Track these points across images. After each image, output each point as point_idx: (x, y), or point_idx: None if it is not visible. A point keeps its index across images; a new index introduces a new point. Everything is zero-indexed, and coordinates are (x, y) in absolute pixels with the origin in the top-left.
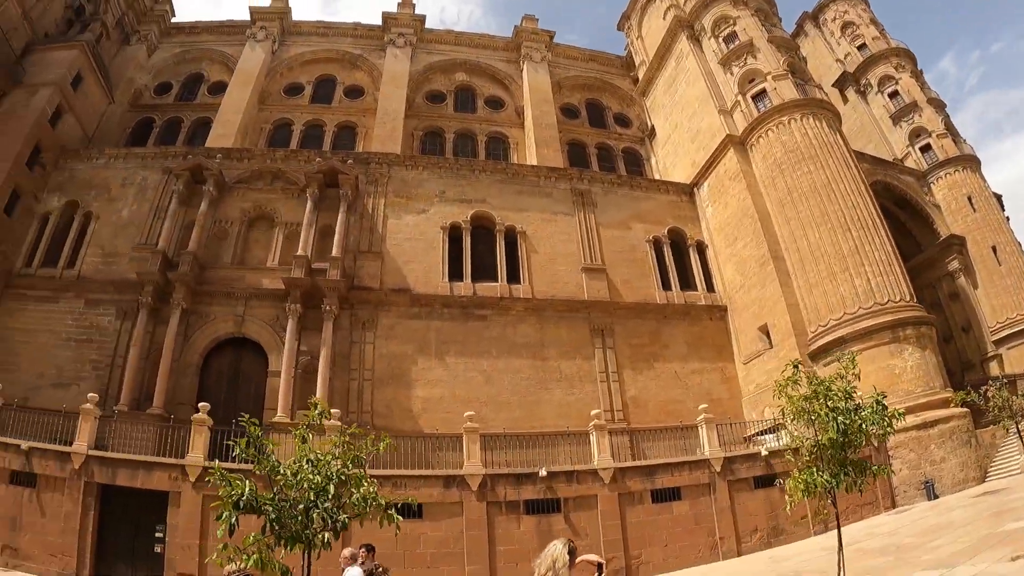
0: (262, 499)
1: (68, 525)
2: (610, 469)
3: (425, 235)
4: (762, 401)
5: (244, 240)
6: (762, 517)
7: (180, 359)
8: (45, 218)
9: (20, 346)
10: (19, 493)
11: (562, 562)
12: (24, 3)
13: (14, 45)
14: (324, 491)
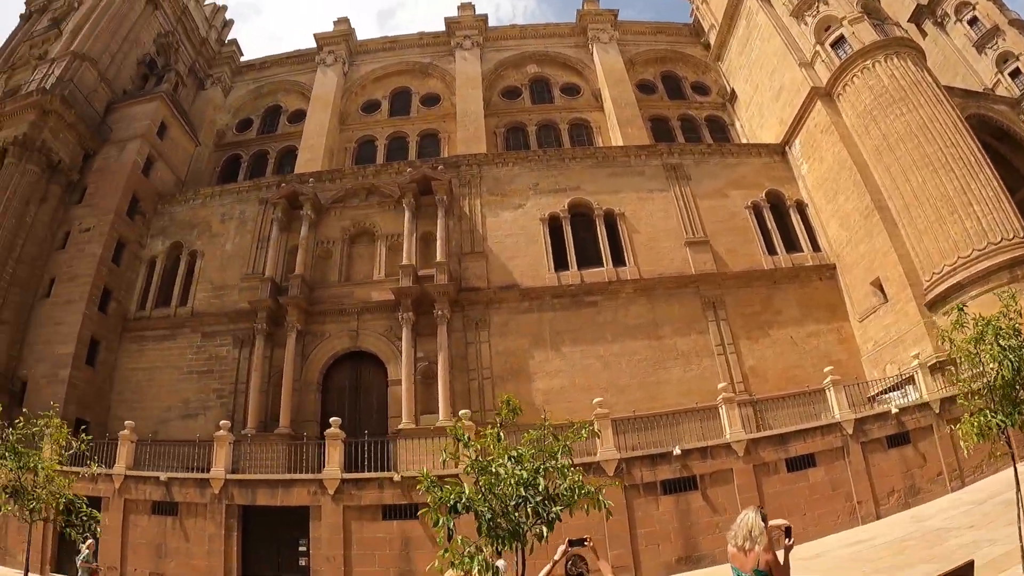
0: (476, 500)
1: (213, 547)
2: (743, 441)
3: (525, 229)
4: (882, 358)
5: (348, 257)
6: (897, 477)
7: (301, 378)
8: (152, 262)
9: (145, 384)
10: (162, 522)
11: (758, 529)
12: (98, 66)
13: (97, 106)
14: (532, 485)
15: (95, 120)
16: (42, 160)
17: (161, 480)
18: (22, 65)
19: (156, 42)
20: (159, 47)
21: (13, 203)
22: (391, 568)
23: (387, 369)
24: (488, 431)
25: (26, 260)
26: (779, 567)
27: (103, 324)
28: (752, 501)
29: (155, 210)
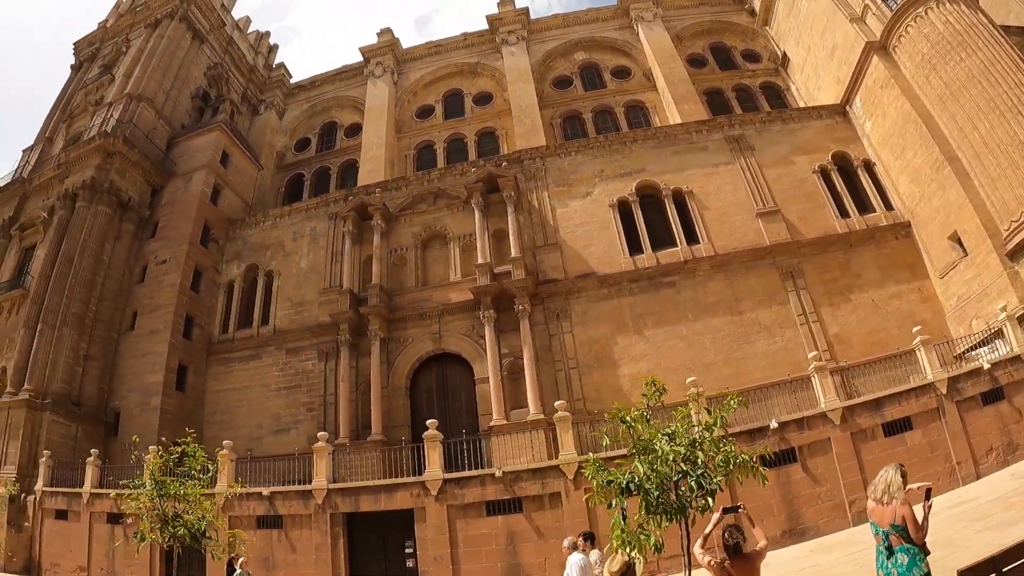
0: (642, 479)
1: (320, 556)
2: (838, 409)
3: (595, 216)
4: (967, 314)
5: (423, 262)
6: (995, 434)
7: (388, 385)
8: (230, 286)
9: (235, 404)
10: (267, 535)
11: (896, 485)
12: (154, 104)
13: (158, 143)
14: (691, 460)
15: (158, 156)
16: (112, 200)
17: (264, 495)
18: (80, 113)
19: (206, 75)
20: (210, 79)
21: (90, 244)
22: (498, 563)
23: (473, 368)
24: (632, 413)
25: (108, 297)
26: (914, 522)
27: (189, 350)
28: (851, 470)
29: (227, 236)
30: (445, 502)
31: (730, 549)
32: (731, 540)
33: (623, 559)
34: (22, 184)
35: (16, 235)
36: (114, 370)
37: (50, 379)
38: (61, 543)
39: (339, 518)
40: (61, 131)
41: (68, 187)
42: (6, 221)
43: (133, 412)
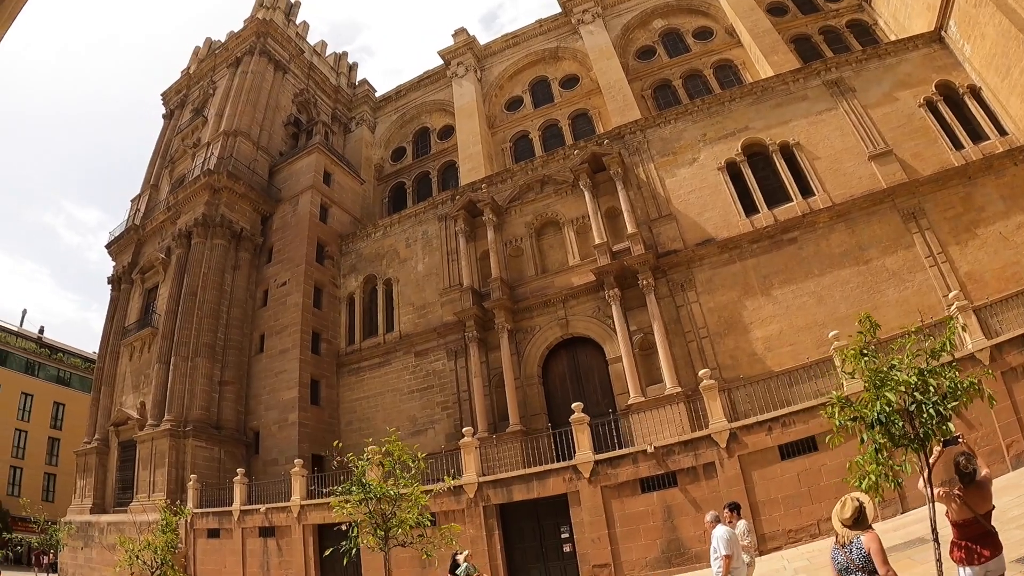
0: (888, 412)
1: (476, 549)
2: (986, 349)
3: (705, 182)
4: None
5: (539, 250)
6: None
7: (521, 375)
8: (350, 299)
9: (370, 411)
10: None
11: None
12: (250, 137)
13: (260, 173)
14: (922, 389)
15: (262, 185)
16: (226, 233)
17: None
18: (180, 157)
19: (294, 102)
20: (299, 105)
21: (210, 276)
22: (656, 539)
23: (603, 349)
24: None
25: (234, 324)
26: None
27: (319, 364)
28: (1007, 411)
29: (340, 251)
30: (598, 483)
31: (965, 477)
32: (968, 467)
33: (853, 505)
34: (136, 231)
35: (138, 279)
36: (248, 392)
37: (189, 407)
38: (216, 560)
39: (492, 510)
40: (164, 177)
41: (181, 226)
42: (126, 267)
43: (272, 429)
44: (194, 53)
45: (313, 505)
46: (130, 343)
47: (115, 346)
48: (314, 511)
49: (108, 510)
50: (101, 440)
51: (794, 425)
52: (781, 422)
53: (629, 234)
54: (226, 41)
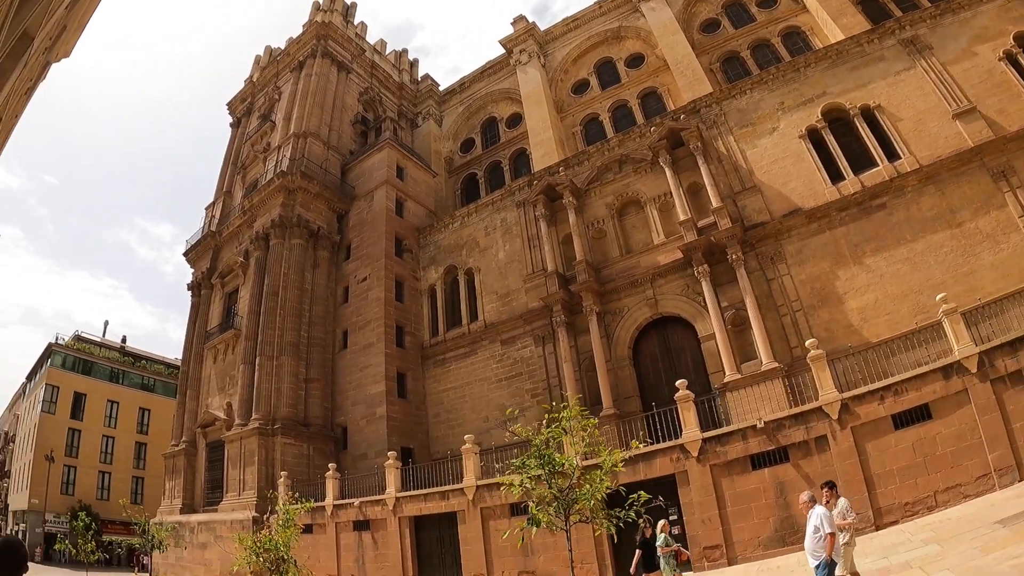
0: None
1: (581, 535)
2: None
3: (787, 151)
4: None
5: (622, 230)
6: None
7: (611, 358)
8: (431, 291)
9: (458, 402)
10: (520, 523)
11: None
12: (320, 137)
13: (333, 172)
14: None
15: (336, 184)
16: (303, 232)
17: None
18: (251, 163)
19: (360, 100)
20: (364, 104)
21: (291, 276)
22: (769, 517)
23: (695, 327)
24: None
25: (317, 321)
26: None
27: (404, 358)
28: None
29: (418, 244)
30: (707, 462)
31: None
32: None
33: None
34: (213, 237)
35: (217, 283)
36: (334, 388)
37: (276, 405)
38: (309, 555)
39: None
40: (237, 183)
41: (258, 229)
42: (205, 273)
43: (360, 424)
44: (255, 62)
45: (408, 497)
46: (213, 346)
47: (198, 350)
48: (410, 503)
49: (198, 510)
50: (188, 442)
51: (906, 393)
52: (893, 390)
53: (714, 208)
54: (287, 47)
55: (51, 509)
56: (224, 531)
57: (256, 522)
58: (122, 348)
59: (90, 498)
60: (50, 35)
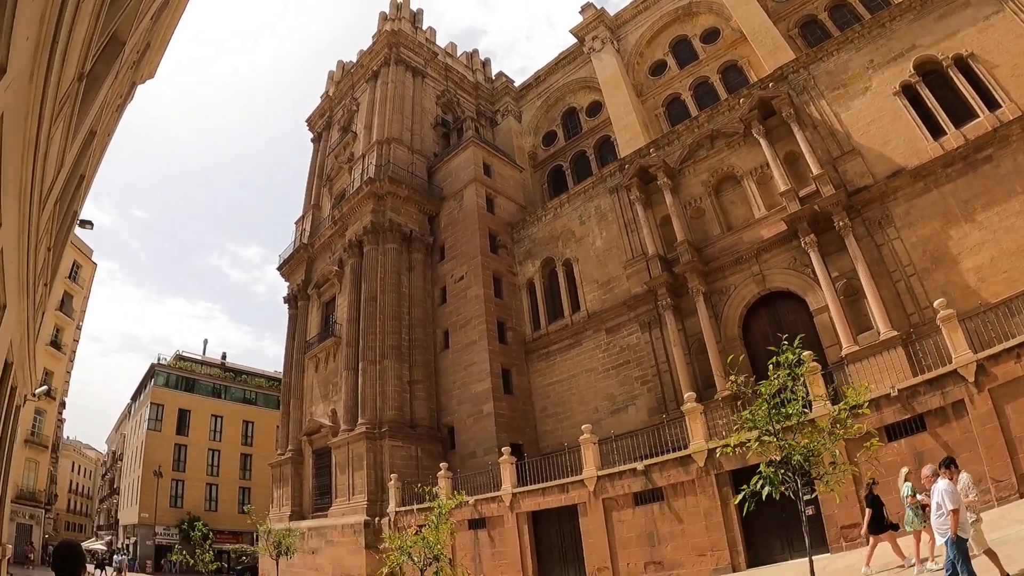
0: None
1: (711, 522)
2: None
3: (883, 110)
4: None
5: (720, 207)
6: None
7: (721, 339)
8: (530, 284)
9: (565, 394)
10: (648, 510)
11: None
12: (402, 142)
13: (419, 175)
14: None
15: (423, 187)
16: (396, 237)
17: (639, 470)
18: (336, 175)
19: (438, 103)
20: (442, 107)
21: (387, 280)
22: None
23: (805, 301)
24: None
25: (416, 324)
26: None
27: (507, 354)
28: None
29: (512, 239)
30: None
31: None
32: None
33: None
34: (305, 249)
35: (313, 294)
36: (438, 388)
37: (382, 409)
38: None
39: (725, 477)
40: (324, 195)
41: (351, 237)
42: (300, 285)
43: (467, 423)
44: (329, 77)
45: (525, 492)
46: (314, 355)
47: (299, 360)
48: (527, 498)
49: (306, 516)
50: (295, 450)
51: None
52: None
53: (815, 175)
54: (359, 59)
55: (160, 522)
56: (335, 536)
57: (367, 526)
58: (222, 364)
59: (198, 510)
60: (137, 48)
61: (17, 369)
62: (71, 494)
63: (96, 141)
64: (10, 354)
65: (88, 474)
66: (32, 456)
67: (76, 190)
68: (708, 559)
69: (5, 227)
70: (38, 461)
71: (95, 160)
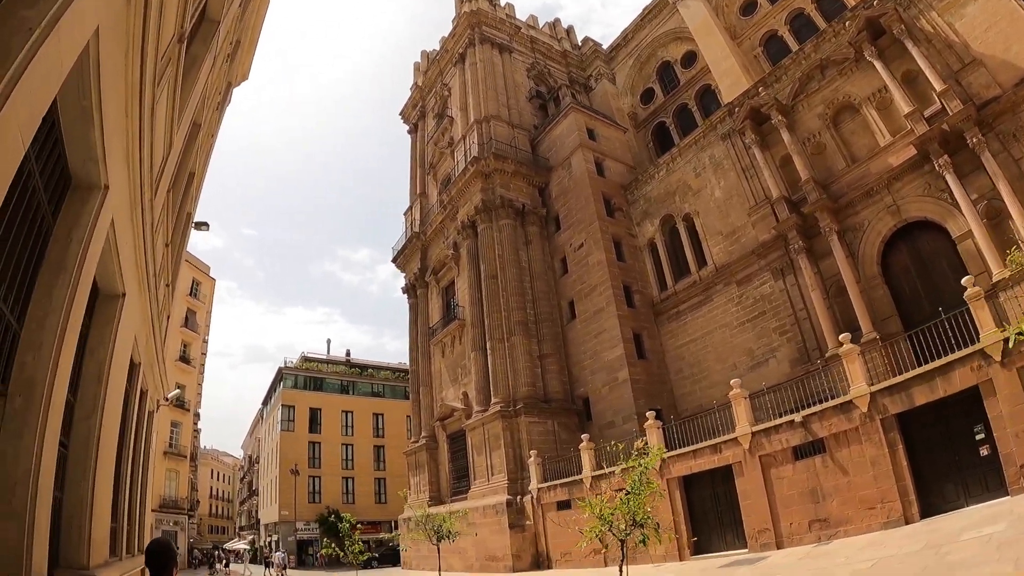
0: None
1: (878, 472)
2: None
3: (998, 13)
4: None
5: (841, 139)
6: None
7: (861, 278)
8: (651, 244)
9: (699, 354)
10: (809, 464)
11: None
12: (501, 118)
13: (523, 148)
14: None
15: (529, 159)
16: (509, 212)
17: (796, 422)
18: (439, 161)
19: (529, 76)
20: (534, 79)
21: (505, 257)
22: None
23: (945, 228)
24: None
25: (540, 297)
26: None
27: (636, 318)
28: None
29: (627, 200)
30: (1013, 365)
31: None
32: None
33: None
34: (418, 237)
35: (431, 280)
36: (568, 360)
37: (515, 386)
38: (569, 533)
39: (891, 422)
40: (429, 182)
41: (463, 218)
42: (416, 274)
43: (602, 392)
44: (415, 68)
45: (675, 456)
46: (439, 341)
47: (424, 348)
48: (677, 462)
49: (445, 500)
50: (428, 437)
51: None
52: None
53: (939, 92)
54: (443, 45)
55: (300, 517)
56: (477, 518)
57: (510, 505)
58: (347, 361)
59: (336, 503)
60: (229, 39)
61: (146, 371)
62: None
63: (201, 138)
64: (136, 352)
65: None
66: (172, 466)
67: (187, 188)
68: (878, 512)
69: (113, 190)
70: (178, 471)
71: (202, 160)
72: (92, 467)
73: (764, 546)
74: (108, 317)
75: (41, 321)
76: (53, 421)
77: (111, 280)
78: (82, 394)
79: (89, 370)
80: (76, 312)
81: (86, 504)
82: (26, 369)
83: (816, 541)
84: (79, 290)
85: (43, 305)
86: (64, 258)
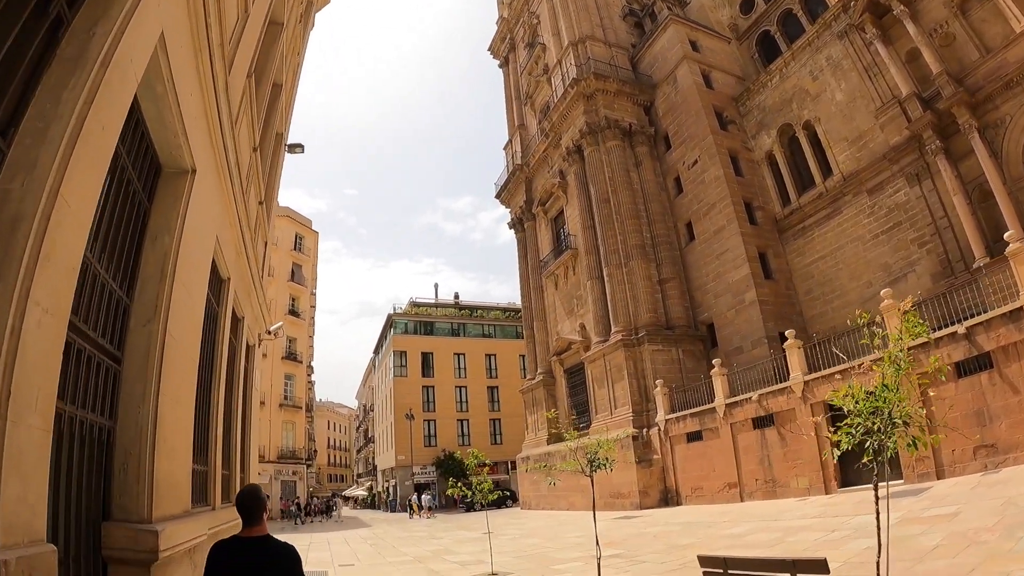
0: None
1: None
2: None
3: None
4: None
5: (971, 28)
6: None
7: (1007, 179)
8: (770, 157)
9: (830, 271)
10: (974, 382)
11: None
12: (596, 38)
13: (623, 67)
14: None
15: (630, 78)
16: (615, 133)
17: (960, 333)
18: (535, 90)
19: None
20: None
21: (616, 179)
22: None
23: None
24: None
25: (655, 219)
26: None
27: (759, 235)
28: None
29: (739, 112)
30: None
31: None
32: None
33: None
34: (521, 169)
35: (539, 211)
36: (689, 284)
37: (635, 313)
38: (701, 465)
39: None
40: (527, 113)
41: (567, 144)
42: (522, 207)
43: (728, 316)
44: (499, 0)
45: (820, 378)
46: (551, 273)
47: (536, 282)
48: (821, 386)
49: (564, 437)
50: (545, 373)
51: None
52: None
53: None
54: None
55: (417, 462)
56: (602, 453)
57: (636, 439)
58: (456, 304)
59: (452, 446)
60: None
61: (239, 292)
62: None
63: (284, 96)
64: (222, 262)
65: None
66: (288, 418)
67: (276, 147)
68: None
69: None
70: (294, 422)
71: (285, 116)
72: (154, 388)
73: (922, 476)
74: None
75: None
76: None
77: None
78: (139, 294)
79: (149, 265)
80: None
81: (145, 436)
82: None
83: (982, 470)
84: None
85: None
86: None
